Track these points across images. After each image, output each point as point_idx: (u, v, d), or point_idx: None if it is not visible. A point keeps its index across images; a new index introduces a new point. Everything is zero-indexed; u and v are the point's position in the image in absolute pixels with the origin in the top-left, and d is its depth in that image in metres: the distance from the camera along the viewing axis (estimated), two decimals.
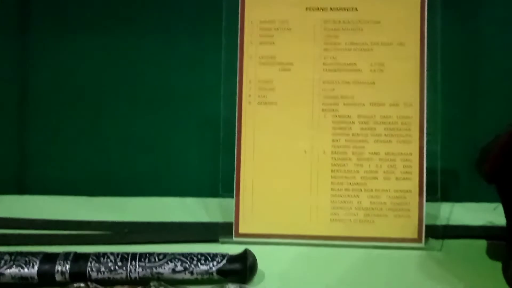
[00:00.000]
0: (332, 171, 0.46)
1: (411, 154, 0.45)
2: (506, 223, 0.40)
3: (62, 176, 0.62)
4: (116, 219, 0.51)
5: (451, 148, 0.48)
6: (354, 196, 0.46)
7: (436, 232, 0.47)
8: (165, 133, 0.61)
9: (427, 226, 0.46)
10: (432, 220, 0.50)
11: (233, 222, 0.46)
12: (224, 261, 0.37)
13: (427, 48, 0.45)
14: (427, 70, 0.45)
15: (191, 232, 0.49)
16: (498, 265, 0.40)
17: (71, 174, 0.62)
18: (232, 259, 0.38)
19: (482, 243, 0.46)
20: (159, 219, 0.52)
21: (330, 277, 0.40)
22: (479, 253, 0.44)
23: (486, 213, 0.50)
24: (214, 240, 0.46)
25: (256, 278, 0.39)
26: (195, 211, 0.54)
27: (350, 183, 0.46)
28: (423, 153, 0.45)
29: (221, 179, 0.48)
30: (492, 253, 0.44)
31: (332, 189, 0.46)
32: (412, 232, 0.45)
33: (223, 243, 0.46)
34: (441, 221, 0.52)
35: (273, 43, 0.47)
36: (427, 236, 0.46)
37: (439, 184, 0.46)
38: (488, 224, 0.49)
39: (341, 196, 0.46)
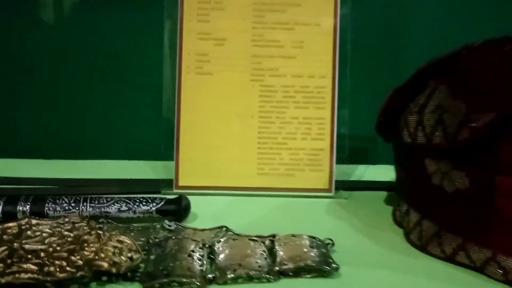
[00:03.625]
0: (259, 132, 0.54)
1: (324, 118, 0.54)
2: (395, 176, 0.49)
3: (19, 140, 0.67)
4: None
5: (360, 115, 0.57)
6: (277, 153, 0.54)
7: (346, 185, 0.56)
8: (115, 100, 0.67)
9: (339, 181, 0.55)
10: (344, 176, 0.58)
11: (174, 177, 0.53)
12: (162, 203, 0.45)
13: (340, 28, 0.53)
14: (339, 47, 0.53)
15: (136, 186, 0.56)
16: (391, 209, 0.49)
17: (27, 138, 0.67)
18: (169, 201, 0.45)
19: (383, 194, 0.55)
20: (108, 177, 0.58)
21: (253, 218, 0.48)
22: (379, 201, 0.53)
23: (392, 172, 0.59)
24: (156, 192, 0.53)
25: (190, 218, 0.46)
26: (142, 171, 0.61)
27: (274, 143, 0.54)
28: (334, 118, 0.54)
29: (164, 140, 0.54)
30: (388, 201, 0.53)
31: (258, 148, 0.54)
32: (324, 184, 0.54)
33: (164, 194, 0.53)
34: (352, 177, 0.61)
35: (209, 21, 0.54)
36: (338, 188, 0.54)
37: (347, 145, 0.55)
38: (390, 180, 0.58)
39: (266, 154, 0.54)
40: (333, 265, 0.36)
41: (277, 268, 0.35)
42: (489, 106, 0.33)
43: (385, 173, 0.57)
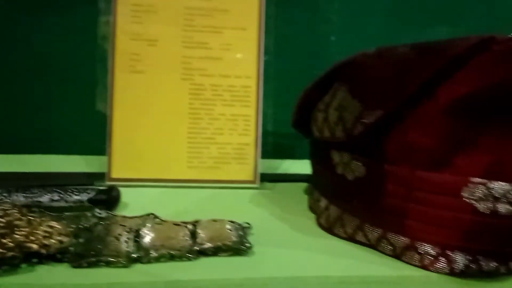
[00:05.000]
0: (188, 128, 0.57)
1: (250, 115, 0.58)
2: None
3: None
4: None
5: (284, 113, 0.62)
6: (206, 148, 0.58)
7: (270, 178, 0.60)
8: (52, 97, 0.69)
9: (265, 174, 0.59)
10: (270, 170, 0.63)
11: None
12: (94, 193, 0.48)
13: (265, 32, 0.58)
14: (264, 49, 0.58)
15: (71, 179, 0.58)
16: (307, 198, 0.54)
17: None
18: (100, 191, 0.48)
19: (303, 185, 0.60)
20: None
21: (181, 207, 0.51)
22: (299, 191, 0.58)
23: None
24: (90, 184, 0.56)
25: (121, 208, 0.50)
26: (78, 165, 0.64)
27: (203, 138, 0.58)
28: (259, 115, 0.58)
29: (98, 135, 0.57)
30: (307, 192, 0.58)
31: (188, 142, 0.57)
32: (249, 176, 0.58)
33: (98, 185, 0.55)
34: (278, 171, 0.66)
35: (142, 22, 0.57)
36: (263, 180, 0.59)
37: (271, 141, 0.60)
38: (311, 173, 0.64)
39: (195, 148, 0.58)
40: (247, 245, 0.40)
41: (196, 248, 0.39)
42: (378, 105, 0.38)
43: (309, 167, 0.62)
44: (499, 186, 0.36)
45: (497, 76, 0.34)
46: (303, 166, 0.65)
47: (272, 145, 0.60)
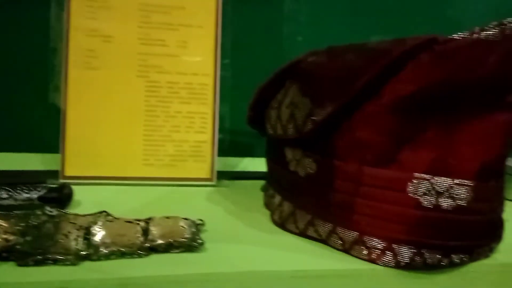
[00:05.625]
0: (144, 125, 0.57)
1: (207, 113, 0.58)
2: None
3: None
4: None
5: (243, 111, 0.62)
6: (162, 145, 0.57)
7: (228, 175, 0.61)
8: (5, 96, 0.67)
9: (222, 171, 0.60)
10: (229, 168, 0.64)
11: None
12: (45, 191, 0.47)
13: (221, 29, 0.58)
14: (221, 47, 0.58)
15: (24, 177, 0.57)
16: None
17: None
18: (51, 189, 0.47)
19: (261, 183, 0.61)
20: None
21: (136, 205, 0.51)
22: (256, 189, 0.59)
23: None
24: (43, 182, 0.55)
25: (74, 206, 0.49)
26: (32, 163, 0.62)
27: (159, 135, 0.57)
28: (216, 113, 0.58)
29: (52, 132, 0.56)
30: (263, 189, 0.59)
31: (144, 140, 0.57)
32: (206, 173, 0.58)
33: (51, 183, 0.54)
34: (237, 169, 0.66)
35: (96, 18, 0.56)
36: (220, 178, 0.59)
37: (231, 138, 0.60)
38: None
39: (151, 145, 0.57)
40: (199, 241, 0.40)
41: (148, 244, 0.39)
42: (327, 103, 0.39)
43: None
44: (442, 181, 0.37)
45: (438, 75, 0.35)
46: (262, 164, 0.66)
47: (231, 143, 0.60)
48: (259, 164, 0.67)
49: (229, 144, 0.60)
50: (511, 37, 0.34)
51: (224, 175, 0.60)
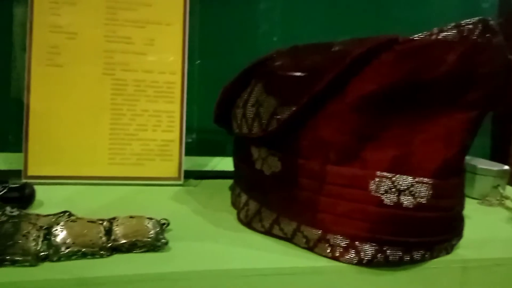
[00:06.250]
0: (110, 124, 0.56)
1: (174, 112, 0.58)
2: None
3: None
4: None
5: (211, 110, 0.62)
6: (128, 144, 0.57)
7: (196, 174, 0.60)
8: None
9: (191, 171, 0.59)
10: (198, 167, 0.63)
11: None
12: (5, 190, 0.46)
13: (189, 27, 0.58)
14: (189, 45, 0.58)
15: None
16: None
17: None
18: (12, 189, 0.46)
19: (229, 182, 0.60)
20: None
21: (101, 205, 0.50)
22: (224, 188, 0.59)
23: None
24: (5, 182, 0.53)
25: (37, 206, 0.48)
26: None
27: (125, 134, 0.57)
28: (183, 111, 0.58)
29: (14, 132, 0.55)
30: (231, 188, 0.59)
31: (110, 139, 0.56)
32: (173, 172, 0.58)
33: (12, 183, 0.53)
34: (206, 168, 0.66)
35: (60, 15, 0.55)
36: (189, 177, 0.59)
37: (200, 137, 0.60)
38: None
39: (117, 144, 0.56)
40: (163, 241, 0.40)
41: (110, 244, 0.39)
42: (291, 101, 0.39)
43: None
44: (403, 180, 0.38)
45: (398, 74, 0.36)
46: (232, 163, 0.66)
47: (200, 142, 0.60)
48: (228, 163, 0.67)
49: (198, 143, 0.59)
50: (468, 38, 0.35)
51: (192, 174, 0.60)
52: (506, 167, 0.61)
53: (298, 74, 0.39)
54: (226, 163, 0.68)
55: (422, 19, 0.81)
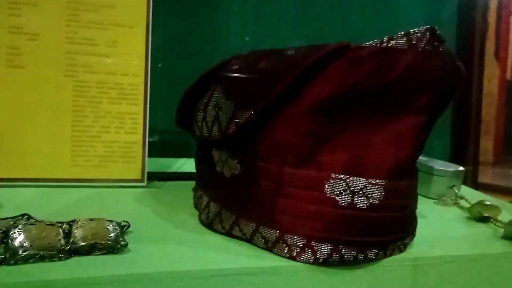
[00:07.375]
0: (72, 125, 0.56)
1: (137, 114, 0.58)
2: None
3: None
4: None
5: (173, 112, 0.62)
6: (91, 146, 0.57)
7: (160, 176, 0.61)
8: None
9: (154, 172, 0.59)
10: (162, 168, 0.64)
11: None
12: None
13: (152, 31, 0.58)
14: (152, 48, 0.58)
15: None
16: None
17: None
18: None
19: (192, 183, 0.61)
20: None
21: (62, 207, 0.50)
22: (187, 190, 0.59)
23: None
24: None
25: None
26: None
27: (88, 136, 0.57)
28: (146, 113, 0.58)
29: None
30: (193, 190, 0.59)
31: (72, 140, 0.56)
32: (137, 174, 0.58)
33: None
34: (170, 169, 0.66)
35: (21, 15, 0.54)
36: (152, 179, 0.59)
37: (164, 139, 0.60)
38: None
39: (80, 146, 0.56)
40: (123, 243, 0.40)
41: (69, 247, 0.39)
42: (249, 105, 0.40)
43: None
44: (356, 181, 0.39)
45: (351, 79, 0.37)
46: None
47: (164, 143, 0.60)
48: (192, 165, 0.67)
49: (162, 144, 0.60)
50: (416, 45, 0.37)
51: (156, 176, 0.60)
52: (461, 168, 0.64)
53: (256, 79, 0.40)
54: (190, 165, 0.68)
55: (385, 25, 0.83)
